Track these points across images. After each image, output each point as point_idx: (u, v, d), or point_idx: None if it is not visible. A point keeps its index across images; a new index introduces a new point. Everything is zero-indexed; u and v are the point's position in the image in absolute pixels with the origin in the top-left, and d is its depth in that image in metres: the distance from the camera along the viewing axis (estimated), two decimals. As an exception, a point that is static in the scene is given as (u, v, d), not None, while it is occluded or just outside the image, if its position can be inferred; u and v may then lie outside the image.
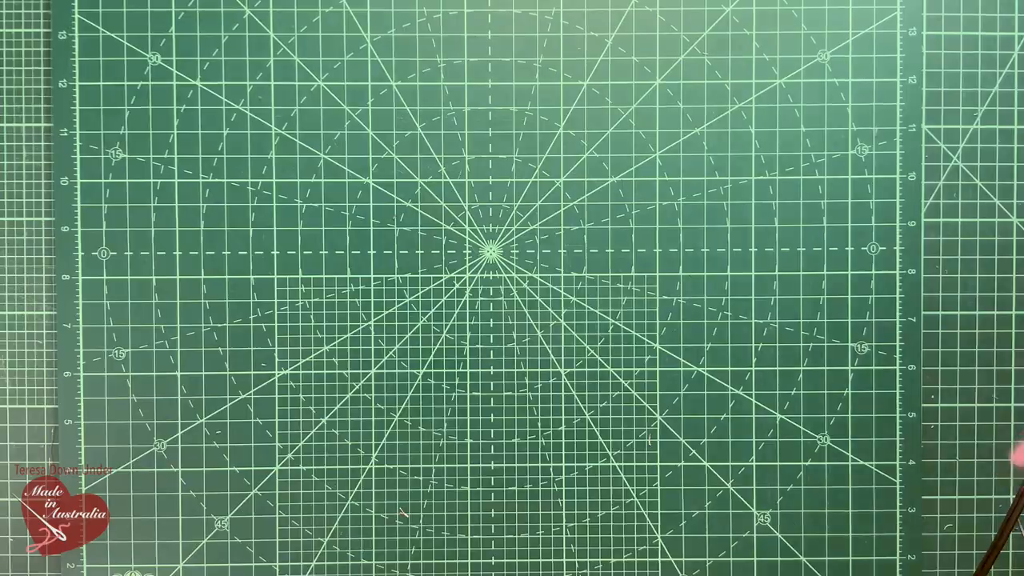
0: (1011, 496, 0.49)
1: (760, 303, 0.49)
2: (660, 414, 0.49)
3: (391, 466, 0.50)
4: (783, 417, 0.49)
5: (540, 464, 0.50)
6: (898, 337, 0.49)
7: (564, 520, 0.50)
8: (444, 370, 0.49)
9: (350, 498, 0.49)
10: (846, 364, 0.49)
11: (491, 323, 0.49)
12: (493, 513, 0.50)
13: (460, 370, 0.49)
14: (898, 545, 0.49)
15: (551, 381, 0.49)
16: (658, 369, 0.49)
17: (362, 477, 0.49)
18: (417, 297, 0.49)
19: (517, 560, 0.50)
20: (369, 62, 0.49)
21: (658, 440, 0.49)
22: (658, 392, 0.49)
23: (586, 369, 0.49)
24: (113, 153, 0.49)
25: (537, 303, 0.49)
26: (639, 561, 0.49)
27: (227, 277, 0.49)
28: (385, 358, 0.49)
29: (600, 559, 0.49)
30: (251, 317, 0.49)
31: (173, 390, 0.49)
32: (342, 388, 0.49)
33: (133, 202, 0.49)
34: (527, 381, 0.49)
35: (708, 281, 0.49)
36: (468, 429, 0.50)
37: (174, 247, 0.49)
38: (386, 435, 0.49)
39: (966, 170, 0.49)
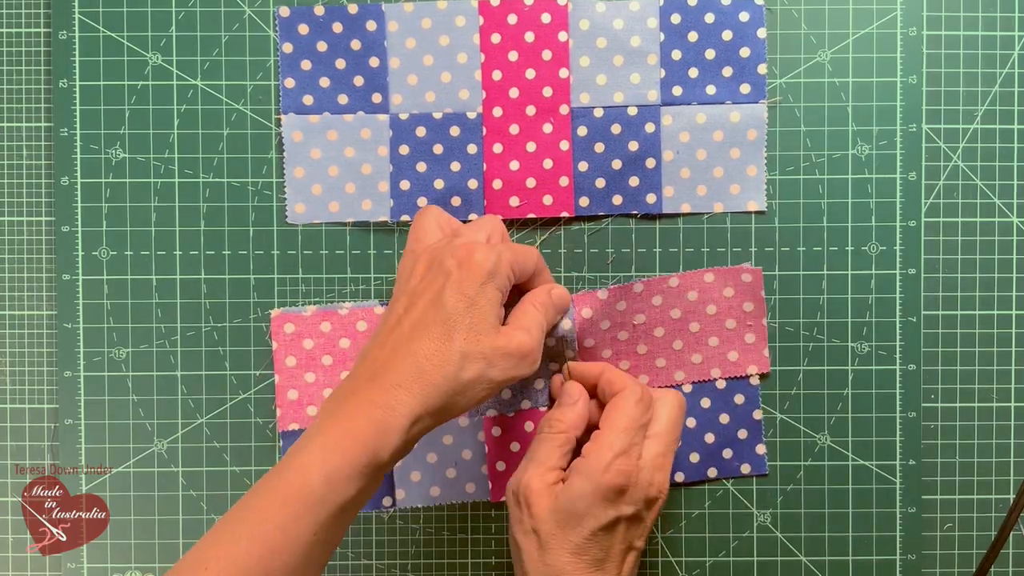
0: (1011, 496, 0.49)
1: (760, 303, 0.49)
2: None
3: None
4: (783, 417, 0.49)
5: (540, 464, 0.49)
6: (898, 337, 0.49)
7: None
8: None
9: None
10: (846, 364, 0.49)
11: (491, 323, 0.49)
12: (493, 512, 0.50)
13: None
14: (898, 545, 0.49)
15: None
16: (658, 369, 0.49)
17: (362, 477, 0.49)
18: (417, 297, 0.49)
19: (517, 560, 0.50)
20: (369, 62, 0.49)
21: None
22: (658, 392, 0.49)
23: (586, 369, 0.49)
24: (113, 153, 0.49)
25: (537, 303, 0.49)
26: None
27: (227, 277, 0.49)
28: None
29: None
30: (251, 317, 0.49)
31: (173, 390, 0.49)
32: (342, 388, 0.49)
33: (133, 202, 0.49)
34: (527, 381, 0.49)
35: (708, 281, 0.49)
36: (468, 429, 0.50)
37: (174, 247, 0.49)
38: (386, 435, 0.49)
39: (966, 170, 0.49)
